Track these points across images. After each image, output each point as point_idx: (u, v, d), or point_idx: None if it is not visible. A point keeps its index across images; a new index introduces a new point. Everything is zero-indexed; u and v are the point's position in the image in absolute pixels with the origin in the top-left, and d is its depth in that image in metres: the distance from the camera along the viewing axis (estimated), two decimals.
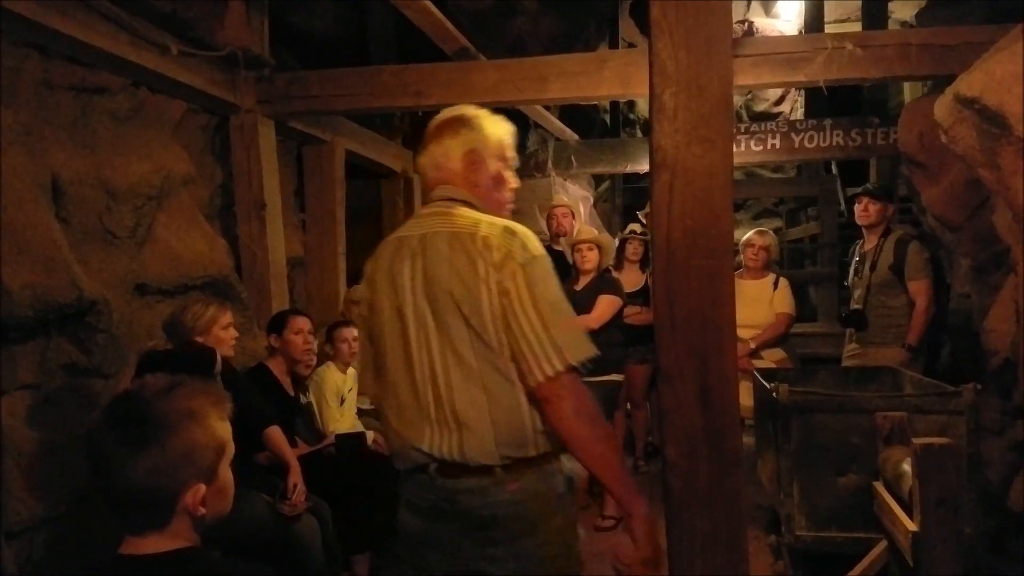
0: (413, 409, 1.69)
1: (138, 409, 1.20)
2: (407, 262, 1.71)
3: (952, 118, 2.92)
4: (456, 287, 1.62)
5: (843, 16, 9.98)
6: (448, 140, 1.82)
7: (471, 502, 1.65)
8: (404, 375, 1.71)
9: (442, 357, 1.65)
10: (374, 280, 1.80)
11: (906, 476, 2.27)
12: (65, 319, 2.93)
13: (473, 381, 1.63)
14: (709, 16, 1.77)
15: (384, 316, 1.75)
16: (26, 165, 2.89)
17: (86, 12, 3.05)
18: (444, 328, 1.65)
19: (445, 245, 1.66)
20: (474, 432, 1.63)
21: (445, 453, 1.65)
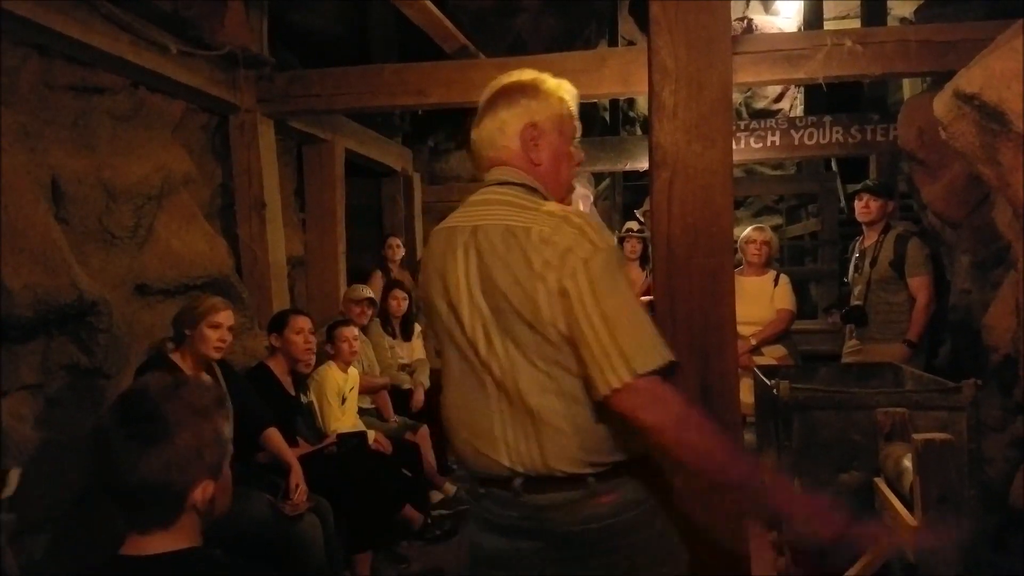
0: (485, 418, 1.50)
1: (148, 406, 1.20)
2: (459, 258, 1.52)
3: (952, 114, 2.91)
4: (513, 290, 1.44)
5: (842, 13, 9.97)
6: (504, 112, 1.58)
7: (560, 518, 1.47)
8: (471, 381, 1.52)
9: (509, 361, 1.46)
10: (426, 275, 1.62)
11: (907, 472, 2.26)
12: (66, 319, 2.93)
13: (546, 385, 1.45)
14: (708, 14, 1.78)
15: (440, 315, 1.57)
16: (26, 165, 2.89)
17: (86, 12, 3.05)
18: (507, 331, 1.46)
19: (500, 241, 1.46)
20: (555, 439, 1.45)
21: (528, 465, 1.46)
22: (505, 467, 1.48)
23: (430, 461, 4.33)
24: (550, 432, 1.44)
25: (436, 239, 1.61)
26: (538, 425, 1.45)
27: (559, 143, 1.60)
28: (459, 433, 1.56)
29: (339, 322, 4.02)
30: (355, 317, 4.32)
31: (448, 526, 4.02)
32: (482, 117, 1.62)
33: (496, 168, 1.59)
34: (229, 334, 2.96)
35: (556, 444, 1.44)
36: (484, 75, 4.22)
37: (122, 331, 3.16)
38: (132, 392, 1.26)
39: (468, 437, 1.53)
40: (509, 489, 1.49)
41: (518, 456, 1.47)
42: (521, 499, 1.48)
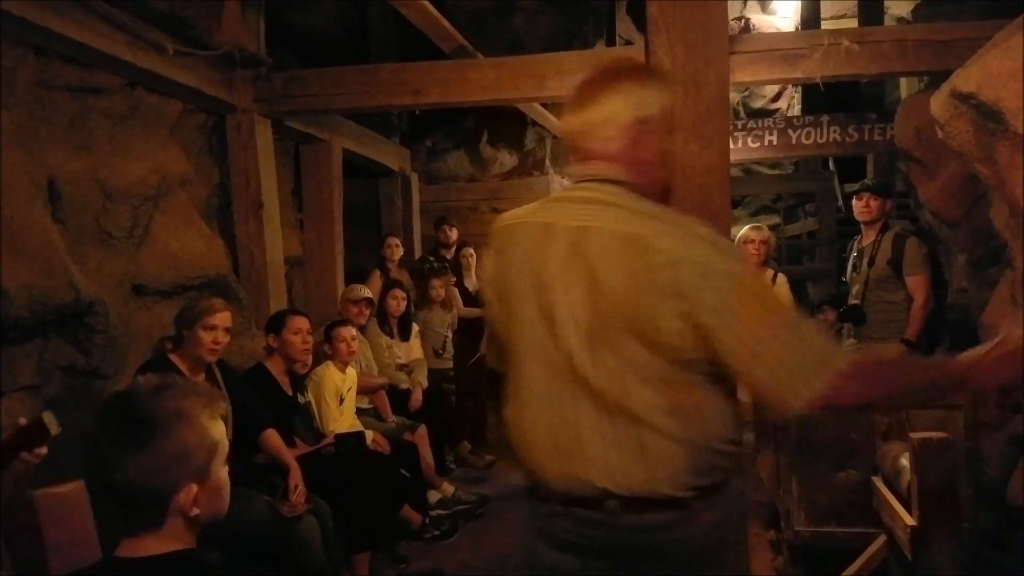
0: (578, 436, 1.37)
1: (130, 409, 1.20)
2: (561, 259, 1.38)
3: (949, 114, 2.92)
4: (630, 306, 1.31)
5: (839, 12, 9.98)
6: (613, 102, 1.42)
7: (653, 539, 1.37)
8: (562, 395, 1.39)
9: (616, 377, 1.34)
10: (503, 270, 1.47)
11: (905, 471, 2.27)
12: (63, 320, 2.93)
13: (657, 404, 1.33)
14: (705, 13, 1.78)
15: (521, 320, 1.43)
16: (23, 166, 2.89)
17: (83, 12, 3.05)
18: (615, 345, 1.34)
19: (617, 250, 1.33)
20: (663, 460, 1.34)
21: (628, 487, 1.34)
22: (598, 488, 1.36)
23: (428, 461, 4.33)
24: (659, 453, 1.34)
25: (522, 233, 1.45)
26: (646, 445, 1.34)
27: (665, 140, 1.48)
28: (540, 450, 1.42)
29: (337, 322, 4.02)
30: (353, 317, 4.31)
31: (447, 526, 4.02)
32: (585, 102, 1.44)
33: (595, 162, 1.43)
34: (226, 336, 2.93)
35: (665, 465, 1.34)
36: (482, 74, 4.25)
37: (119, 332, 3.16)
38: (119, 393, 1.26)
39: (554, 455, 1.40)
40: (599, 510, 1.37)
41: (618, 477, 1.35)
42: (615, 521, 1.37)
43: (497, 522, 4.27)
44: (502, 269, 1.48)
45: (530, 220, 1.46)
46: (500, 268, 1.49)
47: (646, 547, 1.38)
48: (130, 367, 3.24)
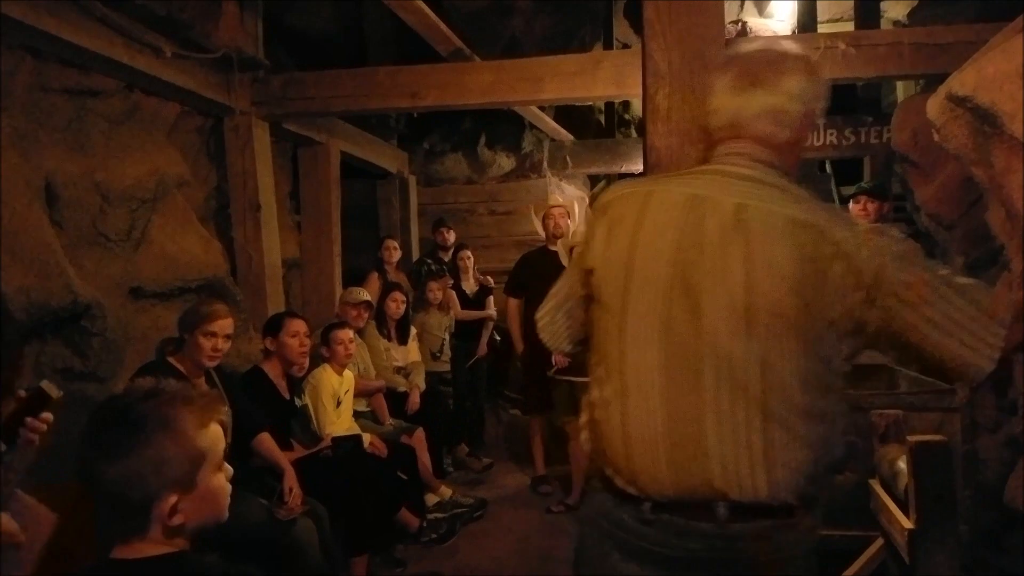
0: (699, 431, 1.27)
1: (116, 415, 1.20)
2: (718, 234, 1.28)
3: (945, 116, 2.92)
4: (796, 296, 1.24)
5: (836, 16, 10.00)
6: (790, 90, 1.36)
7: (751, 548, 1.29)
8: (685, 383, 1.28)
9: (764, 371, 1.25)
10: (629, 239, 1.35)
11: (902, 474, 2.27)
12: (59, 323, 2.93)
13: (797, 405, 1.26)
14: (702, 16, 1.78)
15: (648, 294, 1.31)
16: (20, 168, 2.89)
17: (79, 15, 3.05)
18: (770, 336, 1.25)
19: (786, 233, 1.26)
20: (789, 464, 1.26)
21: (741, 491, 1.26)
22: (715, 490, 1.26)
23: (426, 464, 4.32)
24: (787, 456, 1.26)
25: (658, 202, 1.36)
26: (775, 447, 1.25)
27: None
28: (647, 445, 1.30)
29: (334, 325, 4.01)
30: (351, 320, 4.31)
31: (444, 529, 4.01)
32: (759, 83, 1.37)
33: (752, 143, 1.37)
34: (226, 343, 2.88)
35: (790, 470, 1.26)
36: (479, 77, 4.25)
37: (116, 334, 3.16)
38: (113, 397, 1.26)
39: (667, 451, 1.28)
40: (704, 516, 1.28)
41: (738, 479, 1.25)
42: (720, 529, 1.28)
43: (495, 525, 4.27)
44: (624, 239, 1.35)
45: (670, 190, 1.36)
46: (620, 238, 1.36)
47: (745, 557, 1.30)
48: (127, 369, 3.23)
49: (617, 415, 1.33)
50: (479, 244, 6.55)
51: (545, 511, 4.46)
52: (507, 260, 5.99)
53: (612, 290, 1.35)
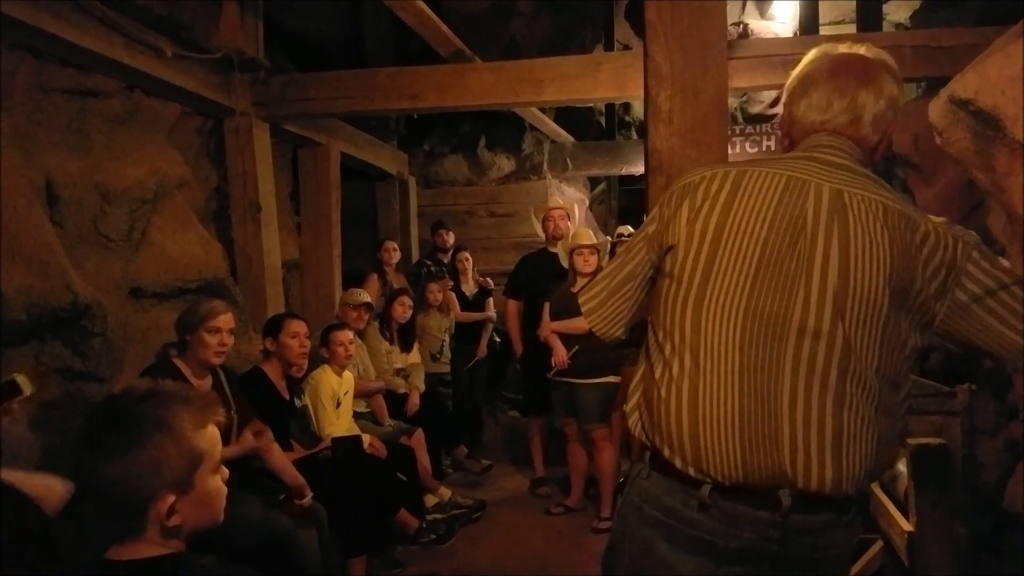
0: (772, 409, 1.26)
1: (113, 416, 1.20)
2: (819, 218, 1.29)
3: (946, 120, 2.92)
4: (889, 284, 1.26)
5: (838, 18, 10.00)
6: (887, 92, 1.40)
7: (806, 542, 1.30)
8: (769, 364, 1.27)
9: (848, 359, 1.26)
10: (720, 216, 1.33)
11: (902, 477, 2.27)
12: (59, 323, 2.92)
13: (873, 397, 1.28)
14: (704, 19, 1.78)
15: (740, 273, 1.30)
16: (20, 168, 2.88)
17: (80, 15, 3.05)
18: (859, 323, 1.26)
19: (882, 220, 1.28)
20: (859, 458, 1.27)
21: (813, 478, 1.26)
22: (787, 477, 1.26)
23: (425, 465, 4.32)
24: (857, 449, 1.27)
25: (754, 183, 1.34)
26: (848, 438, 1.26)
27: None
28: (718, 425, 1.28)
29: (334, 326, 4.01)
30: (352, 321, 4.31)
31: (443, 530, 4.01)
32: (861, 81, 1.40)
33: (839, 136, 1.39)
34: (230, 338, 2.90)
35: (857, 464, 1.27)
36: (480, 79, 4.25)
37: (116, 335, 3.15)
38: (109, 397, 1.25)
39: (739, 432, 1.27)
40: (765, 505, 1.28)
41: (809, 468, 1.26)
42: (780, 519, 1.28)
43: (494, 526, 4.27)
44: (716, 215, 1.33)
45: (767, 171, 1.35)
46: (711, 214, 1.33)
47: (799, 553, 1.31)
48: (127, 370, 3.23)
49: (688, 393, 1.31)
50: (479, 246, 6.55)
51: (544, 512, 4.46)
52: (507, 262, 5.99)
53: (695, 266, 1.33)
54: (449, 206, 7.21)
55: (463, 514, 4.26)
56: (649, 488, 1.38)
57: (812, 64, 1.44)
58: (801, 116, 1.42)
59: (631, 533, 1.40)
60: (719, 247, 1.31)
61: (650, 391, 1.39)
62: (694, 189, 1.37)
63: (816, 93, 1.40)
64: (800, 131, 1.43)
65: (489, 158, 7.34)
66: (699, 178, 1.38)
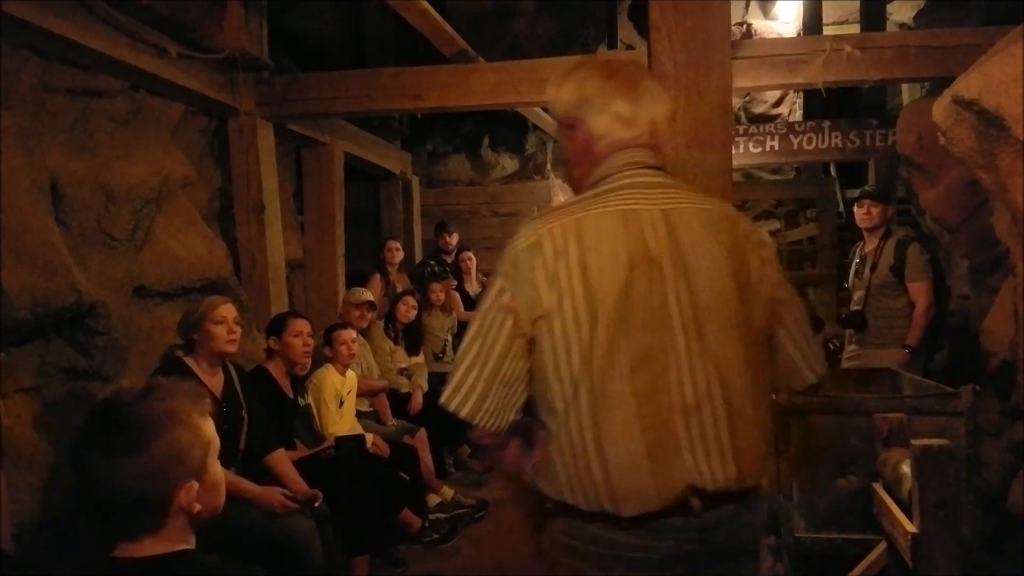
0: (670, 430, 1.31)
1: (119, 416, 1.20)
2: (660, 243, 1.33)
3: (951, 120, 2.92)
4: (730, 281, 1.34)
5: (841, 18, 9.99)
6: (664, 100, 1.45)
7: (718, 536, 1.36)
8: (658, 390, 1.31)
9: (724, 360, 1.33)
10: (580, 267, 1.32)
11: (905, 478, 2.26)
12: (63, 322, 2.93)
13: (748, 386, 1.35)
14: (708, 19, 1.78)
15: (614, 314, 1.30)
16: (25, 168, 2.89)
17: (84, 15, 3.05)
18: (718, 327, 1.33)
19: (700, 227, 1.35)
20: (749, 447, 1.34)
21: (718, 477, 1.32)
22: (692, 486, 1.31)
23: (428, 465, 4.32)
24: (750, 439, 1.35)
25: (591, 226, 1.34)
26: (740, 432, 1.33)
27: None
28: (634, 463, 1.30)
29: (337, 325, 4.01)
30: (354, 320, 4.31)
31: (445, 530, 4.01)
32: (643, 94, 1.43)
33: (642, 149, 1.42)
34: (237, 327, 2.92)
35: (754, 452, 1.35)
36: (482, 78, 4.25)
37: (120, 334, 3.16)
38: (104, 402, 1.24)
39: (652, 461, 1.30)
40: (679, 514, 1.32)
41: (710, 471, 1.31)
42: (693, 521, 1.33)
43: (496, 526, 4.26)
44: (574, 271, 1.32)
45: (599, 211, 1.35)
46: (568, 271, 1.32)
47: (713, 547, 1.36)
48: (130, 369, 3.24)
49: (592, 444, 1.31)
50: (482, 246, 6.55)
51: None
52: None
53: (577, 325, 1.31)
54: (452, 206, 7.21)
55: (466, 514, 4.26)
56: (572, 524, 1.37)
57: (595, 78, 1.43)
58: (605, 132, 1.41)
59: (564, 572, 1.41)
60: (592, 302, 1.30)
61: (553, 457, 1.36)
62: (539, 249, 1.34)
63: (616, 107, 1.40)
64: (606, 147, 1.41)
65: (492, 158, 7.34)
66: (537, 237, 1.35)
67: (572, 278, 1.31)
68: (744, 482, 1.34)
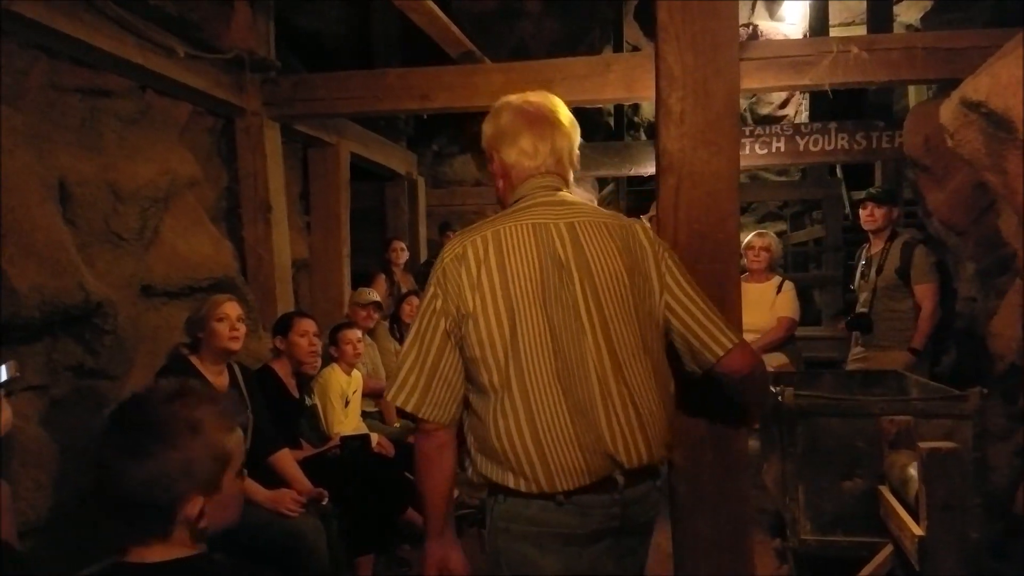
0: (592, 414, 1.51)
1: (141, 416, 1.19)
2: (562, 251, 1.56)
3: (958, 122, 2.91)
4: (628, 281, 1.58)
5: (848, 19, 9.98)
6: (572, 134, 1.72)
7: (636, 512, 1.59)
8: (576, 380, 1.52)
9: (626, 350, 1.55)
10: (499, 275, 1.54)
11: (912, 481, 2.26)
12: (71, 320, 2.94)
13: (649, 373, 1.57)
14: (716, 20, 1.78)
15: (531, 316, 1.52)
16: (33, 167, 2.90)
17: (93, 15, 3.07)
18: (620, 321, 1.56)
19: (606, 236, 1.60)
20: (656, 425, 1.56)
21: (632, 458, 1.53)
22: (614, 461, 1.51)
23: None
24: (654, 419, 1.56)
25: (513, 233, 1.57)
26: (644, 413, 1.54)
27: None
28: (564, 440, 1.50)
29: (343, 324, 4.02)
30: (360, 320, 4.32)
31: None
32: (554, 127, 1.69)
33: (549, 175, 1.68)
34: (241, 324, 2.93)
35: (658, 431, 1.56)
36: (489, 79, 4.25)
37: (127, 332, 3.17)
38: (135, 397, 1.24)
39: (579, 440, 1.50)
40: (605, 491, 1.53)
41: (623, 447, 1.52)
42: (617, 497, 1.54)
43: None
44: (495, 276, 1.54)
45: (514, 225, 1.59)
46: (491, 276, 1.54)
47: (631, 520, 1.58)
48: (137, 368, 3.25)
49: (527, 425, 1.50)
50: None
51: None
52: None
53: (498, 322, 1.52)
54: (458, 206, 7.22)
55: (470, 514, 4.25)
56: (509, 508, 1.57)
57: (508, 117, 1.70)
58: (515, 162, 1.68)
59: (505, 555, 1.61)
60: (512, 302, 1.52)
61: (487, 437, 1.55)
62: (464, 259, 1.56)
63: (523, 141, 1.66)
64: (518, 175, 1.69)
65: None
66: (462, 248, 1.57)
67: (493, 282, 1.53)
68: (653, 459, 1.56)
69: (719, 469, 1.83)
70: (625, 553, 1.62)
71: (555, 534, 1.54)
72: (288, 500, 2.89)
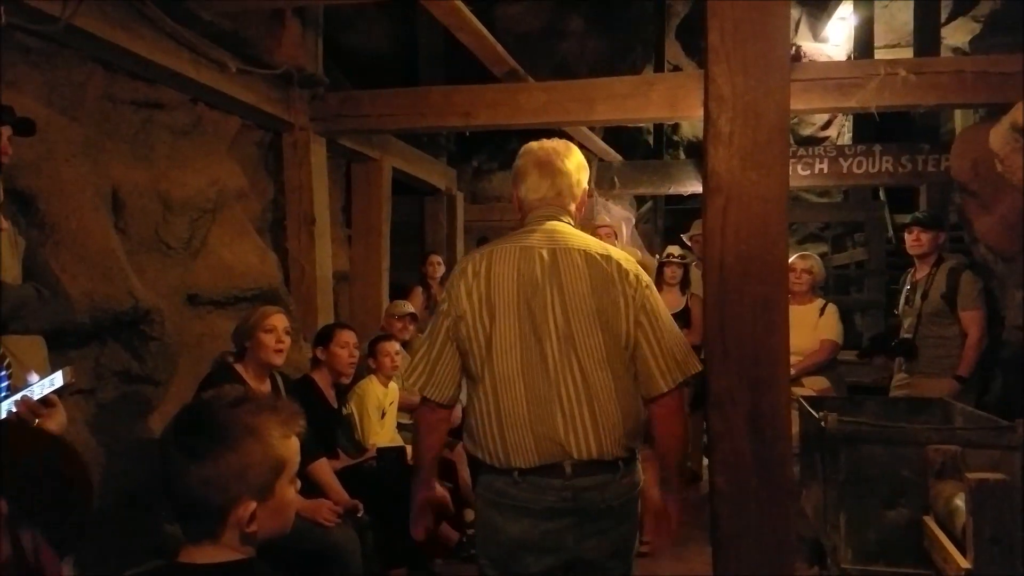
0: (552, 411, 1.81)
1: (202, 419, 1.22)
2: (542, 271, 1.86)
3: (1009, 147, 2.87)
4: (594, 302, 1.83)
5: (893, 41, 9.86)
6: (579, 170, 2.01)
7: (592, 498, 1.82)
8: (540, 379, 1.82)
9: (589, 360, 1.82)
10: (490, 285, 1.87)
11: (959, 512, 2.21)
12: (120, 326, 3.01)
13: (607, 383, 1.82)
14: (767, 42, 1.78)
15: (507, 320, 1.84)
16: (88, 176, 2.99)
17: (150, 30, 3.16)
18: (584, 335, 1.82)
19: (582, 262, 1.86)
20: (610, 427, 1.81)
21: (582, 451, 1.80)
22: (564, 453, 1.80)
23: (466, 478, 4.32)
24: (608, 422, 1.81)
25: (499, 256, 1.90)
26: (599, 415, 1.81)
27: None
28: (518, 424, 1.82)
29: (381, 337, 4.05)
30: (396, 332, 4.35)
31: None
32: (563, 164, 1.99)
33: (551, 207, 1.98)
34: (286, 336, 2.98)
35: (611, 432, 1.81)
36: (531, 98, 4.28)
37: (172, 339, 3.23)
38: (201, 400, 1.28)
39: (533, 428, 1.81)
40: (556, 475, 1.81)
41: (579, 443, 1.80)
42: (568, 482, 1.80)
43: None
44: (483, 286, 1.87)
45: (506, 247, 1.91)
46: (480, 286, 1.87)
47: (587, 505, 1.82)
48: (181, 374, 3.31)
49: (495, 412, 1.84)
50: None
51: None
52: None
53: (481, 323, 1.86)
54: (496, 221, 7.24)
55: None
56: (484, 480, 1.92)
57: (523, 160, 2.03)
58: (524, 196, 2.02)
59: (481, 518, 1.94)
60: (493, 306, 1.85)
61: (471, 420, 1.92)
62: (465, 272, 1.91)
63: (530, 179, 1.99)
64: (528, 206, 2.01)
65: None
66: (467, 264, 1.92)
67: (481, 290, 1.87)
68: (605, 456, 1.81)
69: (764, 495, 1.81)
70: (591, 533, 1.84)
71: (514, 506, 1.84)
72: (325, 510, 2.91)
